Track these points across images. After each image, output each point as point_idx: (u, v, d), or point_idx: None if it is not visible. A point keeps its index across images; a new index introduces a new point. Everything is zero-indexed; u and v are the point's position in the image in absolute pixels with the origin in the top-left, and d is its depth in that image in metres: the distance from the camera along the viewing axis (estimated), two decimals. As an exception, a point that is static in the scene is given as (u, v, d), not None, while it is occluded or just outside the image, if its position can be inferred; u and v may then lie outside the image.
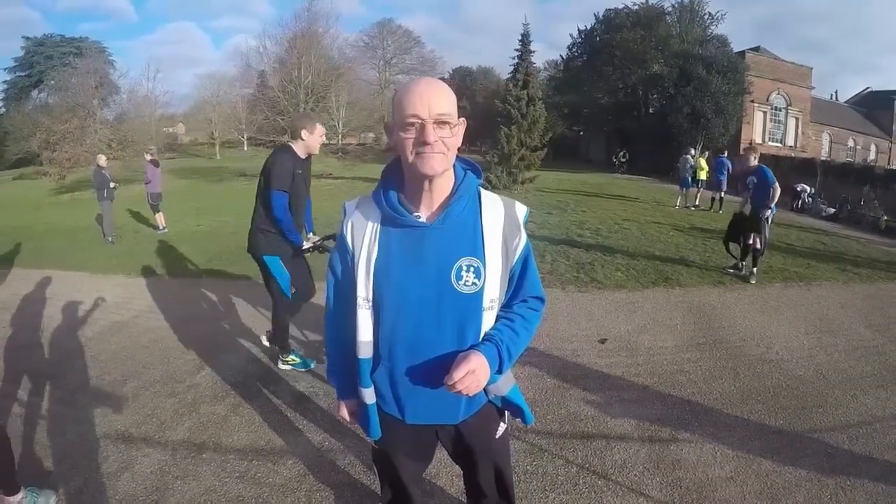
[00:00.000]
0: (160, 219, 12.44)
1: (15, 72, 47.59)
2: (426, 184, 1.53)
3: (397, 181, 1.61)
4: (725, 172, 16.16)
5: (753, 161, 7.88)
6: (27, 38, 47.79)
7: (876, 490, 3.11)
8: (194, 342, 5.35)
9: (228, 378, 4.58)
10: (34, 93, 46.12)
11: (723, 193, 16.16)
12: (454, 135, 1.49)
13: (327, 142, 38.60)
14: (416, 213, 1.56)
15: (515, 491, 2.32)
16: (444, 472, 3.17)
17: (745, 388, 4.40)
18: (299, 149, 4.22)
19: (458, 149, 1.56)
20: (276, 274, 4.27)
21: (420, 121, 1.43)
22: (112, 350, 5.21)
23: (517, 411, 1.85)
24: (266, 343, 4.85)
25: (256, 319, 6.02)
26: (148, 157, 13.23)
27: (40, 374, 4.67)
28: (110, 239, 11.17)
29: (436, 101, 1.43)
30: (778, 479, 3.21)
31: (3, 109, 46.05)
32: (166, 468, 3.32)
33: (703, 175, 16.99)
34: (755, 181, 7.65)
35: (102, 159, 12.36)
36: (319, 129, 4.28)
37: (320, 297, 2.61)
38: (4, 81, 48.09)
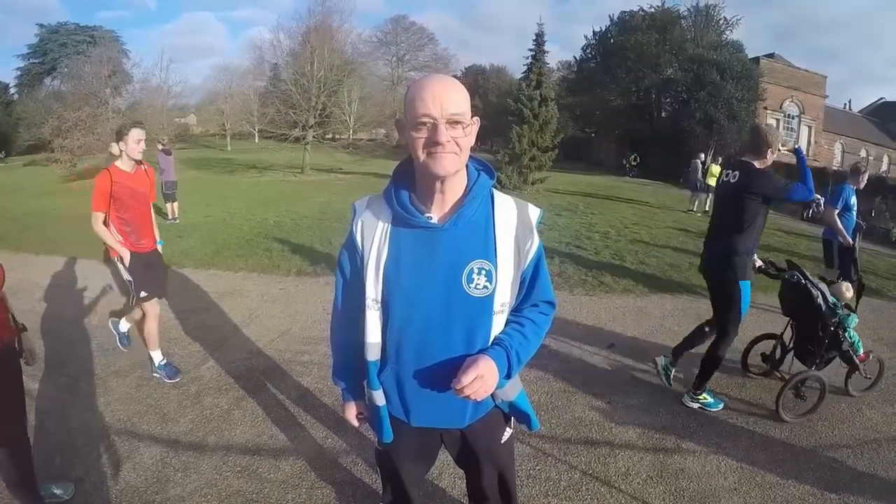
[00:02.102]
0: (172, 208, 12.42)
1: (28, 59, 47.84)
2: (438, 184, 1.49)
3: (409, 180, 1.58)
4: None
5: (864, 183, 6.55)
6: (41, 26, 48.07)
7: (879, 507, 3.08)
8: (199, 333, 5.35)
9: (232, 371, 4.58)
10: (47, 80, 46.33)
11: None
12: (467, 135, 1.45)
13: (338, 136, 38.75)
14: (428, 214, 1.53)
15: (518, 495, 2.30)
16: (447, 473, 3.16)
17: (751, 398, 4.37)
18: (759, 163, 3.96)
19: (470, 148, 1.53)
20: (744, 301, 3.98)
21: (432, 120, 1.39)
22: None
23: (523, 417, 1.82)
24: (665, 375, 4.45)
25: (262, 312, 6.03)
26: (160, 147, 13.24)
27: (45, 362, 4.68)
28: (119, 227, 11.17)
29: (449, 101, 1.39)
30: (781, 491, 3.19)
31: (16, 96, 46.34)
32: (167, 460, 3.33)
33: (712, 181, 16.86)
34: (854, 204, 6.46)
35: (115, 148, 12.36)
36: (780, 141, 4.01)
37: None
38: (18, 68, 48.33)
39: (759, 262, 4.20)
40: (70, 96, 29.22)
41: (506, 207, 1.60)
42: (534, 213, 1.64)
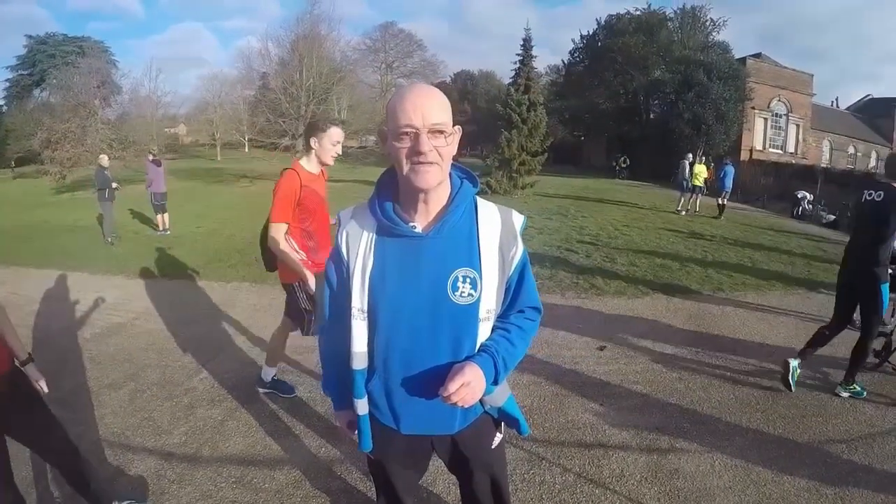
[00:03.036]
0: (163, 220, 12.37)
1: (17, 70, 47.56)
2: (421, 194, 1.51)
3: (393, 190, 1.59)
4: (730, 179, 16.16)
5: None
6: (30, 37, 47.78)
7: (875, 500, 3.10)
8: (192, 345, 5.33)
9: (225, 382, 4.57)
10: (36, 91, 46.03)
11: (725, 200, 16.15)
12: (449, 144, 1.46)
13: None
14: (412, 223, 1.54)
15: (512, 499, 2.31)
16: (441, 479, 3.16)
17: (743, 397, 4.39)
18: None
19: (458, 153, 1.54)
20: (885, 299, 4.42)
21: (414, 130, 1.40)
22: (110, 352, 5.21)
23: (513, 422, 1.83)
24: (793, 379, 4.53)
25: (254, 322, 6.01)
26: (149, 158, 13.21)
27: (37, 376, 4.65)
28: (110, 240, 11.14)
29: (430, 110, 1.41)
30: (776, 488, 3.20)
31: (5, 108, 46.04)
32: (162, 472, 3.31)
33: (698, 181, 16.89)
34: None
35: (105, 159, 12.33)
36: None
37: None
38: (6, 80, 48.01)
39: (890, 270, 4.58)
40: (59, 108, 28.97)
41: (489, 215, 1.61)
42: (518, 219, 1.65)
